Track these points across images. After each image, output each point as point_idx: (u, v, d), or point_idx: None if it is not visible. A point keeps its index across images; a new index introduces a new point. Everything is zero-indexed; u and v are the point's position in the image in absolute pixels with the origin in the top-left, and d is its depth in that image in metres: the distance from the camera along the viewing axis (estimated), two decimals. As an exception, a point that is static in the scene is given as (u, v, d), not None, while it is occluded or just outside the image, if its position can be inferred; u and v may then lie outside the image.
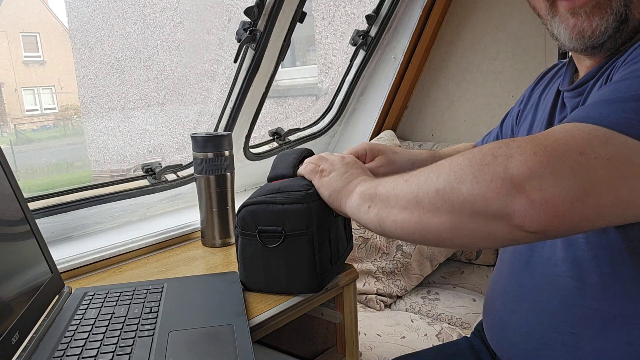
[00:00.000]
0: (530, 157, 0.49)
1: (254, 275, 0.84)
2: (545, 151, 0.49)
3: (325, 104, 1.85)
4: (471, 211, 0.52)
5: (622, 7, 0.63)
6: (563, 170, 0.48)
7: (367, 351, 1.21)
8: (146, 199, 1.28)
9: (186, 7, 4.92)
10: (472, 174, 0.52)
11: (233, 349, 0.63)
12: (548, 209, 0.48)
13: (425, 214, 0.57)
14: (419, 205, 0.57)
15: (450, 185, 0.54)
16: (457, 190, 0.53)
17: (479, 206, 0.52)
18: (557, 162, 0.49)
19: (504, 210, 0.50)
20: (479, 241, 0.55)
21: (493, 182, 0.50)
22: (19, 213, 0.76)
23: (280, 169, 0.87)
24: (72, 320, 0.73)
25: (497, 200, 0.50)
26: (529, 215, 0.49)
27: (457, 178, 0.53)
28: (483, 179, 0.51)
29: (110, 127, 6.04)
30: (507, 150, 0.51)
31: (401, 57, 1.72)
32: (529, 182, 0.49)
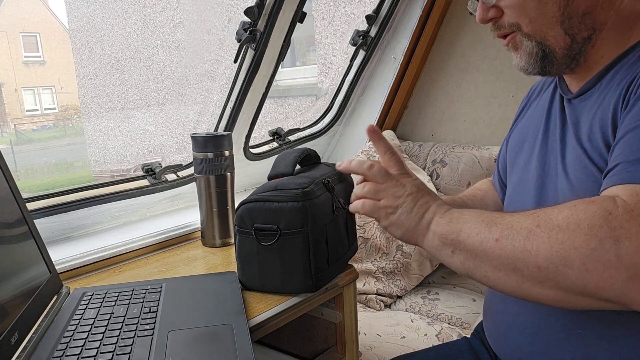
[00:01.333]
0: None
1: (250, 274, 0.84)
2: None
3: (325, 104, 1.85)
4: (581, 293, 0.53)
5: (535, 47, 0.68)
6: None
7: (367, 351, 1.21)
8: (146, 199, 1.28)
9: (186, 7, 4.92)
10: (579, 260, 0.52)
11: (233, 348, 0.63)
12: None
13: (526, 282, 0.57)
14: (517, 273, 0.57)
15: (554, 267, 0.53)
16: (563, 273, 0.53)
17: (590, 291, 0.52)
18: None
19: (619, 298, 0.51)
20: (586, 309, 0.56)
21: (606, 272, 0.50)
22: (17, 214, 0.76)
23: (281, 167, 0.87)
24: (71, 321, 0.73)
25: (612, 289, 0.51)
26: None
27: (562, 260, 0.53)
28: (594, 268, 0.51)
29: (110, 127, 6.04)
30: (611, 232, 0.51)
31: (401, 57, 1.72)
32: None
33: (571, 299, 0.55)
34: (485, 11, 0.71)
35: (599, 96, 0.67)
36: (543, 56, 0.69)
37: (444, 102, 1.80)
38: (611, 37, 0.67)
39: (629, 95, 0.61)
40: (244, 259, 0.83)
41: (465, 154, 1.60)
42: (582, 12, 0.65)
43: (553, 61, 0.69)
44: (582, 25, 0.66)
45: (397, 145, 1.74)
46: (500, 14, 0.70)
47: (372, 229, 1.50)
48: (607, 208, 0.52)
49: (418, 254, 1.55)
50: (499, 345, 0.78)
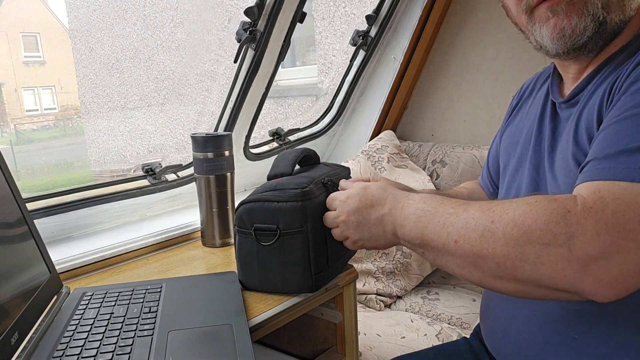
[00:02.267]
0: (594, 238, 0.50)
1: (250, 274, 0.84)
2: (606, 229, 0.50)
3: (325, 104, 1.85)
4: (538, 285, 0.54)
5: (599, 10, 0.63)
6: (628, 247, 0.49)
7: (367, 351, 1.21)
8: (146, 199, 1.28)
9: (186, 7, 4.92)
10: (534, 254, 0.53)
11: (233, 348, 0.63)
12: (618, 284, 0.50)
13: (487, 277, 0.58)
14: (478, 269, 0.58)
15: (511, 262, 0.55)
16: (520, 267, 0.54)
17: (545, 283, 0.53)
18: (620, 239, 0.50)
19: (573, 289, 0.52)
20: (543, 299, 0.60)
21: (559, 264, 0.52)
22: (17, 214, 0.76)
23: (280, 167, 0.87)
24: (71, 321, 0.73)
25: (564, 281, 0.52)
26: (599, 292, 0.51)
27: (518, 255, 0.54)
28: (547, 261, 0.52)
29: (110, 127, 6.04)
30: (567, 229, 0.51)
31: (401, 57, 1.72)
32: (595, 263, 0.50)
33: (530, 291, 0.56)
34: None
35: (587, 100, 0.66)
36: (600, 24, 0.63)
37: (444, 102, 1.80)
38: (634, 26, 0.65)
39: (612, 95, 0.61)
40: (244, 259, 0.83)
41: (465, 154, 1.60)
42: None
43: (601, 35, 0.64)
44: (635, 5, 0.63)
45: (397, 145, 1.74)
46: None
47: (372, 229, 1.50)
48: (567, 206, 0.53)
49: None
50: (496, 349, 0.78)
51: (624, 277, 0.50)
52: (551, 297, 0.56)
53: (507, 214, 0.56)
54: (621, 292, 0.51)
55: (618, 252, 0.49)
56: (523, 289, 0.56)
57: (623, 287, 0.50)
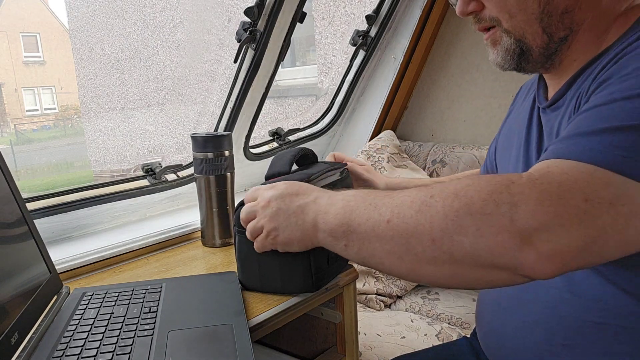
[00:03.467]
0: (537, 207, 0.49)
1: (250, 274, 0.84)
2: (550, 200, 0.49)
3: (325, 104, 1.85)
4: (475, 263, 0.51)
5: (513, 44, 0.68)
6: (571, 220, 0.48)
7: (367, 351, 1.21)
8: (146, 199, 1.28)
9: (186, 7, 4.92)
10: (474, 226, 0.50)
11: (233, 348, 0.63)
12: (557, 260, 0.49)
13: (419, 261, 0.54)
14: (410, 253, 0.54)
15: (449, 237, 0.51)
16: (458, 242, 0.51)
17: (484, 259, 0.51)
18: (564, 211, 0.48)
19: (512, 263, 0.50)
20: (476, 285, 0.55)
21: (499, 235, 0.49)
22: (17, 214, 0.76)
23: (277, 166, 0.87)
24: (71, 321, 0.73)
25: (504, 254, 0.49)
26: (537, 267, 0.49)
27: (457, 229, 0.51)
28: (488, 232, 0.50)
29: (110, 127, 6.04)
30: (510, 198, 0.49)
31: (401, 57, 1.72)
32: (537, 234, 0.48)
33: (465, 272, 0.52)
34: (466, 4, 0.69)
35: (567, 105, 0.66)
36: (520, 53, 0.68)
37: (444, 102, 1.80)
38: (586, 39, 0.66)
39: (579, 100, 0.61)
40: (244, 259, 0.83)
41: (465, 154, 1.61)
42: (561, 10, 0.65)
43: (529, 59, 0.69)
44: (560, 24, 0.65)
45: (397, 145, 1.74)
46: (481, 8, 0.69)
47: (372, 229, 1.50)
48: (511, 178, 0.51)
49: (418, 254, 1.54)
50: (491, 354, 0.79)
51: (564, 251, 0.48)
52: (487, 280, 0.53)
53: (448, 188, 0.53)
54: (560, 268, 0.49)
55: (561, 224, 0.48)
56: (458, 271, 0.53)
57: (562, 263, 0.49)
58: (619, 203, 0.49)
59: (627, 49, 0.58)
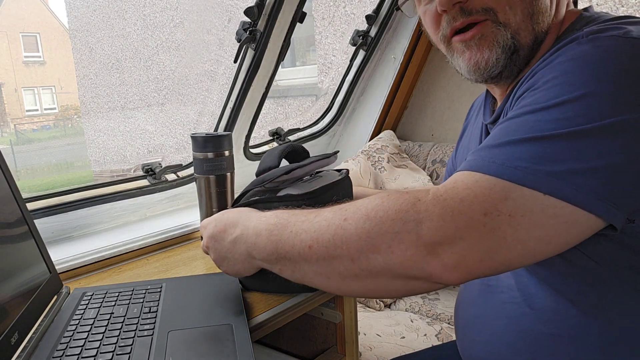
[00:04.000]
0: (439, 223, 0.51)
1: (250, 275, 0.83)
2: (452, 216, 0.51)
3: (325, 104, 1.85)
4: (392, 275, 0.55)
5: (509, 40, 0.63)
6: (471, 234, 0.50)
7: (367, 351, 1.21)
8: (146, 199, 1.28)
9: (186, 7, 4.92)
10: (385, 244, 0.53)
11: (233, 348, 0.63)
12: (461, 269, 0.51)
13: (344, 279, 0.58)
14: (335, 272, 0.58)
15: (365, 256, 0.55)
16: (373, 259, 0.55)
17: (399, 272, 0.54)
18: (464, 226, 0.50)
19: (422, 273, 0.53)
20: (401, 294, 0.59)
21: (408, 250, 0.52)
22: (17, 214, 0.76)
23: (267, 162, 0.86)
24: (71, 321, 0.73)
25: (414, 266, 0.53)
26: (445, 275, 0.52)
27: (370, 247, 0.54)
28: (397, 248, 0.53)
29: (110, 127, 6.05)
30: (416, 215, 0.52)
31: (401, 57, 1.72)
32: (440, 247, 0.51)
33: (387, 284, 0.56)
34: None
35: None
36: (512, 53, 0.63)
37: (444, 102, 1.80)
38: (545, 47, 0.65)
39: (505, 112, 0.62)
40: (244, 259, 0.83)
41: (465, 154, 1.61)
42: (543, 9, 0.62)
43: (516, 62, 0.64)
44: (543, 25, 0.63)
45: (397, 145, 1.74)
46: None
47: (372, 229, 1.50)
48: (418, 196, 0.54)
49: (418, 254, 1.54)
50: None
51: (466, 263, 0.51)
52: (408, 289, 0.56)
53: (360, 210, 0.56)
54: (465, 276, 0.52)
55: (462, 238, 0.50)
56: (380, 284, 0.56)
57: (466, 272, 0.51)
58: (518, 214, 0.50)
59: (542, 63, 0.57)
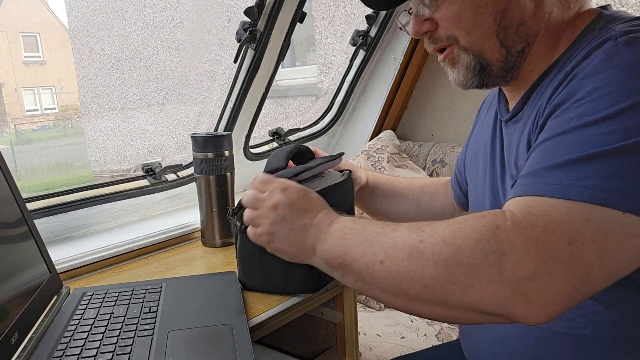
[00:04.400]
0: (524, 256, 0.49)
1: (251, 274, 0.84)
2: (537, 247, 0.49)
3: (325, 104, 1.85)
4: (468, 308, 0.52)
5: (473, 61, 0.66)
6: (558, 267, 0.48)
7: (367, 351, 1.21)
8: (146, 199, 1.28)
9: (186, 7, 4.92)
10: (464, 275, 0.51)
11: (233, 348, 0.63)
12: (549, 308, 0.49)
13: (413, 302, 0.56)
14: (403, 293, 0.56)
15: (440, 285, 0.52)
16: (449, 290, 0.52)
17: (476, 307, 0.51)
18: (550, 259, 0.48)
19: (505, 312, 0.50)
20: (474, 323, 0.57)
21: (489, 285, 0.50)
22: (17, 214, 0.76)
23: (274, 163, 0.87)
24: (71, 321, 0.73)
25: (495, 304, 0.50)
26: (531, 315, 0.49)
27: (447, 277, 0.52)
28: (478, 282, 0.50)
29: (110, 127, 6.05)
30: (497, 247, 0.50)
31: (401, 57, 1.72)
32: (526, 284, 0.49)
33: (460, 315, 0.54)
34: (419, 24, 0.68)
35: (527, 119, 0.65)
36: (480, 69, 0.67)
37: (444, 102, 1.80)
38: (540, 50, 0.66)
39: (537, 119, 0.61)
40: (245, 259, 0.83)
41: (465, 154, 1.60)
42: (517, 23, 0.64)
43: (490, 74, 0.67)
44: (516, 37, 0.65)
45: (397, 145, 1.74)
46: (435, 27, 0.67)
47: (372, 229, 1.50)
48: (496, 222, 0.51)
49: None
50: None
51: (554, 299, 0.49)
52: (483, 321, 0.54)
53: (437, 234, 0.54)
54: (552, 315, 0.50)
55: (548, 272, 0.48)
56: (453, 313, 0.54)
57: (554, 310, 0.49)
58: (601, 238, 0.49)
59: (577, 68, 0.56)
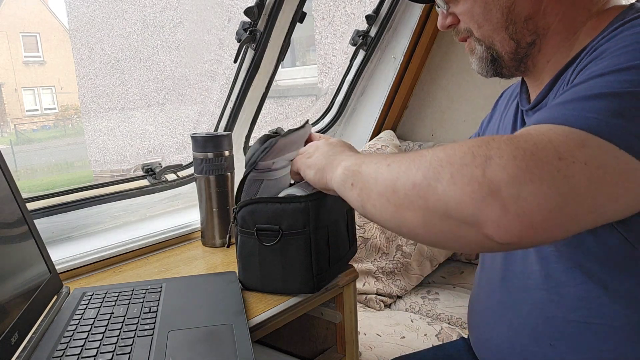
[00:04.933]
0: (510, 161, 0.48)
1: (251, 274, 0.84)
2: (524, 156, 0.48)
3: (325, 104, 1.85)
4: (444, 213, 0.51)
5: (485, 52, 0.73)
6: (542, 177, 0.47)
7: (367, 351, 1.21)
8: (146, 199, 1.28)
9: (186, 7, 4.92)
10: (450, 173, 0.51)
11: (233, 348, 0.63)
12: (524, 220, 0.47)
13: (400, 205, 0.56)
14: (395, 195, 0.57)
15: (427, 182, 0.53)
16: (433, 188, 0.52)
17: (451, 209, 0.51)
18: (536, 167, 0.47)
19: (476, 218, 0.49)
20: (449, 242, 0.54)
21: (469, 185, 0.49)
22: (17, 214, 0.76)
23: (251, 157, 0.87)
24: (71, 320, 0.73)
25: (470, 205, 0.49)
26: (503, 223, 0.47)
27: (435, 175, 0.52)
28: (460, 180, 0.50)
29: (110, 127, 6.05)
30: (487, 151, 0.50)
31: (401, 57, 1.72)
32: (506, 189, 0.47)
33: (437, 223, 0.53)
34: (444, 18, 0.75)
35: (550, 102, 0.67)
36: (492, 60, 0.73)
37: (444, 102, 1.80)
38: (556, 43, 0.69)
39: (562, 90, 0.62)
40: (245, 258, 0.83)
41: (465, 154, 1.60)
42: (524, 17, 0.68)
43: (502, 64, 0.73)
44: (525, 31, 0.69)
45: (397, 145, 1.74)
46: (457, 21, 0.74)
47: (372, 229, 1.51)
48: (494, 137, 0.52)
49: (418, 254, 1.55)
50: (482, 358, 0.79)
51: (532, 211, 0.47)
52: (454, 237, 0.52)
53: (447, 146, 0.56)
54: (525, 230, 0.47)
55: (531, 181, 0.47)
56: (430, 219, 0.53)
57: (528, 224, 0.47)
58: (594, 165, 0.48)
59: (604, 38, 0.59)
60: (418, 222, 0.55)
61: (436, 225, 0.53)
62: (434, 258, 1.58)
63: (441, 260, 1.61)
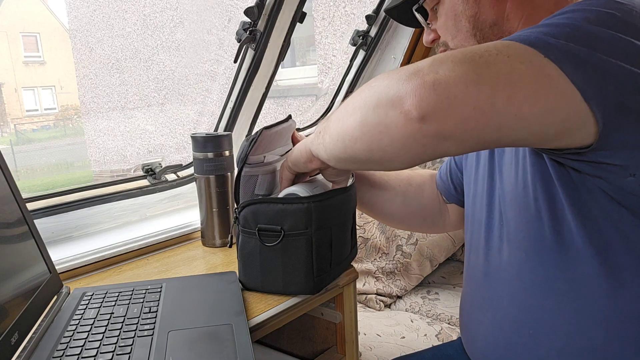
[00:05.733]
0: (440, 55, 0.52)
1: (251, 274, 0.84)
2: (455, 53, 0.52)
3: (325, 104, 1.84)
4: (376, 102, 0.54)
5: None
6: (464, 59, 0.50)
7: (367, 351, 1.21)
8: (146, 199, 1.28)
9: (186, 7, 4.93)
10: (395, 77, 0.54)
11: (233, 348, 0.63)
12: (439, 88, 0.49)
13: (345, 116, 0.60)
14: (345, 113, 0.61)
15: (375, 85, 0.57)
16: (373, 87, 0.56)
17: (381, 94, 0.54)
18: (461, 54, 0.51)
19: (398, 95, 0.51)
20: (381, 136, 0.55)
21: (397, 73, 0.54)
22: (17, 214, 0.76)
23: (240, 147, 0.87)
24: (71, 320, 0.73)
25: (395, 85, 0.52)
26: (419, 94, 0.50)
27: (385, 80, 0.56)
28: (395, 76, 0.54)
29: (110, 127, 6.06)
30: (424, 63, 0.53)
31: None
32: (429, 68, 0.51)
33: (369, 116, 0.56)
34: (428, 35, 0.79)
35: None
36: None
37: (444, 102, 1.79)
38: None
39: None
40: (246, 258, 0.83)
41: (465, 154, 1.61)
42: (489, 24, 0.71)
43: None
44: (492, 36, 0.71)
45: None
46: (438, 36, 0.78)
47: (372, 229, 1.51)
48: None
49: (418, 254, 1.55)
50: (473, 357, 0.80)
51: (447, 81, 0.49)
52: (384, 125, 0.54)
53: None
54: (440, 100, 0.49)
55: (452, 61, 0.50)
56: (364, 116, 0.56)
57: (443, 93, 0.49)
58: (517, 60, 0.50)
59: None
60: (356, 122, 0.58)
61: (369, 119, 0.56)
62: (434, 258, 1.58)
63: (441, 260, 1.61)
